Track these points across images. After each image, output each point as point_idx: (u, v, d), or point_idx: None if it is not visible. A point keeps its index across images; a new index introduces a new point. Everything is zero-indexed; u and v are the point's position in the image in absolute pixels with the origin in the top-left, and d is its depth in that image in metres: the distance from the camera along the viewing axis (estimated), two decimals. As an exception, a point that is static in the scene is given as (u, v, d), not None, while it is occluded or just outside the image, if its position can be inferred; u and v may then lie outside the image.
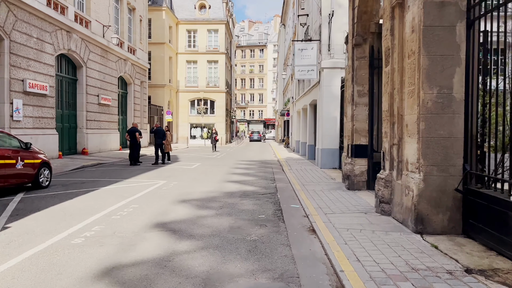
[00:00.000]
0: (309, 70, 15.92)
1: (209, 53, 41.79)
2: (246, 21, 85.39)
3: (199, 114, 41.50)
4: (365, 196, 9.02)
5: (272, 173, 14.24)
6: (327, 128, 15.37)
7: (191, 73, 42.05)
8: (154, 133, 17.27)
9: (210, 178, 12.58)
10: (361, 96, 9.88)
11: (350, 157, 10.07)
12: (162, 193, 9.48)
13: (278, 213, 7.41)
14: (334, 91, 15.30)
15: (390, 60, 6.88)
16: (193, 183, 11.22)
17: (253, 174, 13.75)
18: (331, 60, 15.30)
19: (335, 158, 15.40)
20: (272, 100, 73.34)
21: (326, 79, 15.33)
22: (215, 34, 42.26)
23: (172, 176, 12.75)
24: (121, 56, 26.37)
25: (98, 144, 22.85)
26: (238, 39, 77.47)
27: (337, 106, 15.28)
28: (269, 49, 77.03)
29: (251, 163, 18.58)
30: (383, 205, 7.02)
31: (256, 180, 12.11)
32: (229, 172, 14.43)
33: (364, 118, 9.89)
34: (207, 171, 14.51)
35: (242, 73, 78.85)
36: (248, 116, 79.39)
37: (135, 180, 11.85)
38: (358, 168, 9.88)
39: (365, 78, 9.84)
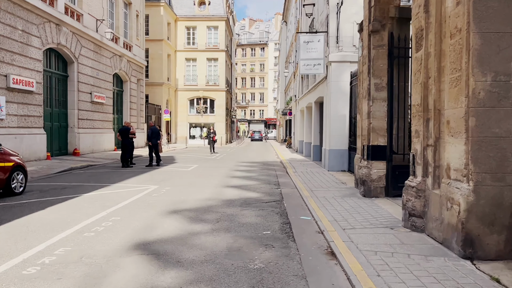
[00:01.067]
0: (315, 64, 14.70)
1: (209, 50, 40.59)
2: (246, 19, 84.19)
3: (198, 114, 40.32)
4: (386, 205, 7.80)
5: (275, 177, 13.03)
6: (335, 128, 14.15)
7: (190, 71, 40.85)
8: (148, 132, 16.07)
9: (208, 182, 11.36)
10: (379, 90, 8.66)
11: (366, 159, 8.86)
12: (151, 201, 8.26)
13: (286, 227, 6.20)
14: (343, 86, 14.09)
15: (423, 43, 5.66)
16: (188, 189, 10.01)
17: (255, 178, 12.54)
18: (339, 53, 14.08)
19: (344, 160, 14.18)
20: (273, 99, 72.14)
21: (334, 74, 14.11)
22: (215, 31, 41.06)
23: (165, 180, 11.54)
24: (116, 52, 25.17)
25: (91, 145, 21.64)
26: (239, 37, 76.25)
27: (346, 103, 14.08)
28: (270, 47, 75.79)
29: (253, 164, 17.37)
30: (414, 219, 5.80)
31: (259, 185, 10.90)
32: (229, 175, 13.22)
33: (382, 115, 8.67)
34: (205, 174, 13.30)
35: (242, 72, 77.63)
36: (248, 115, 78.16)
37: (123, 185, 10.64)
38: (376, 173, 8.66)
39: (383, 69, 8.63)
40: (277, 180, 12.17)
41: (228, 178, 12.41)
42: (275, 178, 12.68)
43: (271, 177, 12.79)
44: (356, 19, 14.13)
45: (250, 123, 77.40)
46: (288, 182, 11.62)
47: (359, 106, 10.03)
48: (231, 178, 12.43)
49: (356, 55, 14.06)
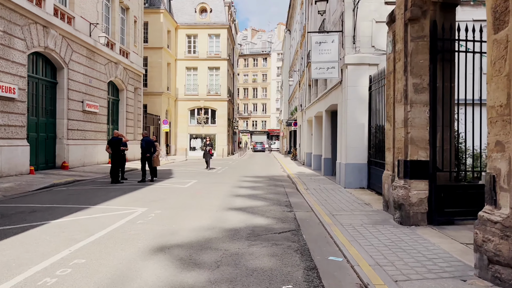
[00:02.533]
0: (329, 67, 13.06)
1: (210, 59, 39.17)
2: (249, 29, 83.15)
3: (199, 124, 38.72)
4: (434, 238, 6.06)
5: (285, 195, 11.29)
6: (352, 139, 12.45)
7: (191, 81, 39.38)
8: (141, 144, 14.38)
9: (206, 203, 9.64)
10: (419, 92, 6.97)
11: (403, 178, 7.13)
12: (134, 231, 6.53)
13: (312, 276, 4.47)
14: (361, 92, 12.44)
15: (509, 19, 4.00)
16: (183, 212, 8.28)
17: (261, 197, 10.80)
18: (357, 55, 12.46)
19: (363, 175, 12.45)
20: (276, 110, 70.64)
21: (351, 78, 12.47)
22: (217, 39, 39.70)
23: (157, 201, 9.81)
24: (112, 58, 23.67)
25: (82, 157, 19.96)
26: (241, 47, 75.15)
27: (364, 111, 12.41)
28: (273, 57, 74.56)
29: (257, 180, 15.63)
30: (498, 268, 4.06)
31: (267, 207, 9.16)
32: (231, 193, 11.49)
33: (424, 122, 6.97)
34: (204, 193, 11.57)
35: (245, 82, 76.30)
36: (251, 126, 76.54)
37: (105, 207, 8.91)
38: (416, 195, 6.93)
39: (424, 66, 6.96)
40: (288, 199, 10.44)
41: (230, 197, 10.68)
42: (285, 197, 10.94)
43: (281, 196, 11.05)
44: (375, 16, 12.57)
45: (253, 134, 75.76)
46: (301, 203, 9.89)
47: (388, 112, 8.35)
48: (234, 197, 10.70)
49: (375, 57, 12.46)
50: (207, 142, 20.65)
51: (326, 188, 12.47)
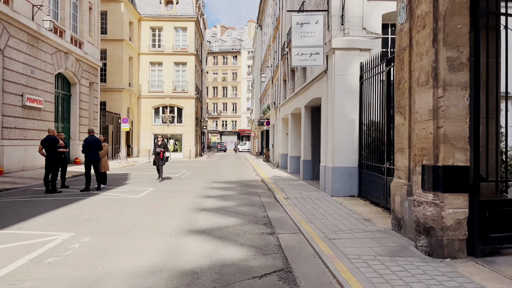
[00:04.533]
0: (312, 53, 11.01)
1: (177, 53, 36.48)
2: (218, 26, 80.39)
3: (164, 123, 35.95)
4: (492, 283, 4.05)
5: (262, 207, 9.12)
6: (341, 138, 10.43)
7: (155, 76, 36.54)
8: (82, 144, 11.77)
9: (160, 222, 7.31)
10: (456, 69, 4.96)
11: (432, 190, 5.09)
12: (31, 282, 4.15)
13: None
14: (351, 82, 10.45)
15: None
16: (122, 240, 5.93)
17: (232, 211, 8.56)
18: (345, 38, 10.46)
19: (353, 181, 10.46)
20: (247, 110, 68.44)
21: (338, 66, 10.46)
22: (184, 33, 37.06)
23: (92, 220, 7.38)
24: (61, 47, 20.72)
25: (21, 160, 17.02)
26: (210, 44, 72.47)
27: (355, 104, 10.45)
28: (243, 55, 72.28)
29: (228, 186, 13.37)
30: None
31: (241, 227, 6.94)
32: (195, 205, 9.19)
33: (462, 113, 4.96)
34: (160, 206, 9.20)
35: (214, 81, 73.60)
36: (220, 127, 73.88)
37: (15, 231, 6.41)
38: (452, 215, 4.92)
39: (463, 33, 4.96)
40: (266, 214, 8.26)
41: (193, 212, 8.38)
42: (262, 210, 8.75)
43: (257, 209, 8.85)
44: (366, -8, 10.64)
45: (222, 134, 73.19)
46: (283, 219, 7.73)
47: (400, 102, 6.32)
48: (197, 212, 8.40)
49: (367, 40, 10.51)
50: (158, 142, 14.65)
51: (310, 197, 10.39)
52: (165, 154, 14.65)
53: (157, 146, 14.67)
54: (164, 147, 14.68)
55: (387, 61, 8.43)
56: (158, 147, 14.59)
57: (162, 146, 14.62)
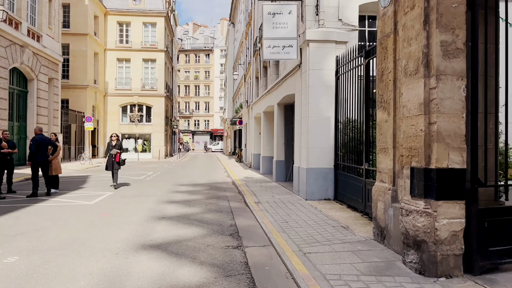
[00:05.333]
0: (285, 46, 10.22)
1: (145, 50, 35.00)
2: (190, 23, 78.64)
3: (132, 123, 34.43)
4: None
5: (230, 213, 8.24)
6: (316, 137, 9.69)
7: (122, 74, 34.93)
8: (30, 145, 10.52)
9: (108, 235, 6.30)
10: (451, 55, 4.24)
11: (423, 197, 4.35)
12: None
13: None
14: (326, 77, 9.73)
15: None
16: (55, 261, 4.91)
17: (196, 218, 7.64)
18: (320, 30, 9.73)
19: (328, 183, 9.74)
20: (220, 109, 67.25)
21: (313, 59, 9.70)
22: (153, 29, 35.63)
23: (28, 233, 6.29)
24: (16, 40, 19.12)
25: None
26: (182, 42, 70.79)
27: (330, 101, 9.73)
28: (216, 54, 71.00)
29: (195, 189, 12.40)
30: None
31: (203, 239, 6.03)
32: (154, 213, 8.21)
33: (458, 106, 4.25)
34: (114, 214, 8.15)
35: (186, 79, 71.93)
36: (193, 126, 72.26)
37: None
38: (447, 226, 4.19)
39: (459, 13, 4.24)
40: (234, 222, 7.39)
41: (150, 221, 7.40)
42: (230, 216, 7.87)
43: (224, 216, 7.96)
44: (342, -19, 9.94)
45: (195, 134, 71.66)
46: (253, 228, 6.88)
47: (382, 95, 5.59)
48: (155, 220, 7.43)
49: (344, 32, 9.82)
50: (112, 142, 12.14)
51: (283, 201, 9.59)
52: (121, 156, 12.21)
53: (111, 146, 12.09)
54: (119, 147, 12.22)
55: (366, 53, 7.73)
56: (113, 147, 12.05)
57: (117, 146, 12.14)
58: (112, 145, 12.15)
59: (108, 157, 12.17)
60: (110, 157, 12.12)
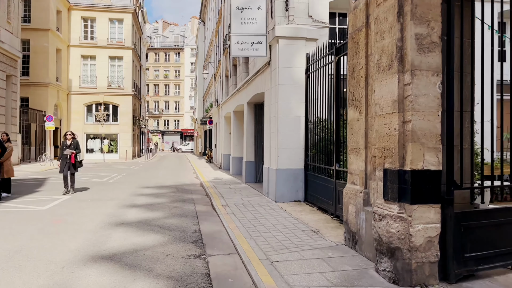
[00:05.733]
0: (254, 42, 9.84)
1: (112, 47, 33.80)
2: (160, 21, 77.03)
3: (98, 122, 33.17)
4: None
5: (195, 217, 7.78)
6: (286, 137, 9.37)
7: (87, 71, 33.60)
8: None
9: (55, 247, 5.71)
10: (426, 49, 3.97)
11: (397, 201, 4.06)
12: None
13: None
14: (296, 75, 9.43)
15: None
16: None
17: (158, 224, 7.14)
18: (290, 26, 9.42)
19: (299, 184, 9.44)
20: (190, 108, 66.18)
21: (283, 57, 9.38)
22: (120, 25, 34.46)
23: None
24: (-33, 33, 17.87)
25: None
26: (151, 40, 69.27)
27: (301, 100, 9.44)
28: (186, 52, 69.85)
29: (160, 192, 11.84)
30: None
31: (163, 248, 5.56)
32: (112, 218, 7.64)
33: (434, 104, 3.98)
34: (66, 221, 7.52)
35: (155, 78, 70.38)
36: (162, 126, 70.80)
37: None
38: (422, 232, 3.92)
39: (434, 5, 3.99)
40: (199, 227, 6.94)
41: (107, 228, 6.84)
42: (195, 221, 7.41)
43: (188, 220, 7.49)
44: (313, -24, 9.67)
45: (164, 134, 70.20)
46: (218, 233, 6.45)
47: (354, 92, 5.31)
48: (113, 227, 6.87)
49: (314, 29, 9.56)
50: (67, 141, 10.68)
51: (252, 203, 9.21)
52: (77, 158, 10.75)
53: (65, 146, 10.59)
54: (75, 147, 10.71)
55: (336, 50, 7.47)
56: (67, 147, 10.57)
57: (73, 146, 10.62)
58: (67, 144, 10.66)
59: (62, 158, 10.64)
60: (64, 159, 10.56)
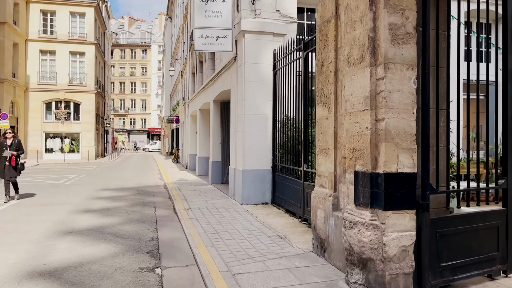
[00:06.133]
0: (219, 37, 9.36)
1: (73, 42, 32.27)
2: (126, 17, 74.73)
3: (58, 121, 31.57)
4: None
5: (154, 223, 7.21)
6: (253, 136, 8.94)
7: (47, 67, 31.90)
8: None
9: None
10: (400, 41, 3.63)
11: (370, 207, 3.71)
12: None
13: None
14: (264, 72, 9.02)
15: None
16: None
17: (112, 232, 6.53)
18: (257, 20, 8.99)
19: (266, 186, 9.03)
20: (158, 107, 64.68)
21: (249, 52, 8.94)
22: (81, 19, 32.97)
23: None
24: None
25: None
26: (117, 36, 67.17)
27: (268, 97, 9.04)
28: (154, 50, 68.17)
29: (120, 195, 11.13)
30: None
31: (113, 260, 4.99)
32: (60, 228, 6.95)
33: (408, 101, 3.65)
34: (6, 230, 6.76)
35: (121, 75, 68.25)
36: (128, 125, 68.78)
37: None
38: (396, 240, 3.58)
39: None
40: (157, 234, 6.39)
41: (52, 238, 6.17)
42: (153, 228, 6.85)
43: (146, 227, 6.92)
44: (280, -32, 9.29)
45: (131, 133, 68.23)
46: (177, 241, 5.94)
47: (323, 89, 4.94)
48: (59, 237, 6.20)
49: (282, 24, 9.18)
50: (7, 140, 9.35)
51: (216, 207, 8.72)
52: (19, 160, 9.47)
53: (5, 146, 9.24)
54: (17, 147, 9.40)
55: (304, 45, 7.12)
56: (7, 148, 9.24)
57: (14, 147, 9.30)
58: (7, 145, 9.32)
59: (0, 161, 9.25)
60: (3, 161, 9.21)
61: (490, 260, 4.04)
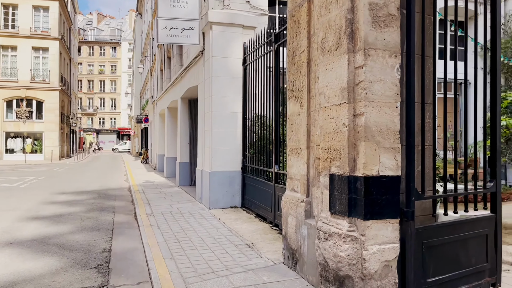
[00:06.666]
0: (185, 28, 8.72)
1: (36, 37, 30.63)
2: (94, 13, 72.30)
3: (19, 119, 29.89)
4: None
5: (110, 231, 6.50)
6: (222, 136, 8.34)
7: (7, 63, 30.17)
8: None
9: None
10: (383, 24, 3.14)
11: (347, 215, 3.20)
12: None
13: None
14: (233, 66, 8.44)
15: None
16: None
17: (58, 243, 5.79)
18: (225, 11, 8.40)
19: (235, 188, 8.46)
20: (128, 106, 62.88)
21: (217, 45, 8.34)
22: (45, 13, 31.36)
23: None
24: None
25: None
26: (85, 33, 64.89)
27: (237, 94, 8.47)
28: (124, 47, 66.21)
29: (77, 199, 10.29)
30: None
31: (51, 279, 4.29)
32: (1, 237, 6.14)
33: (391, 93, 3.17)
34: None
35: (89, 73, 65.91)
36: (97, 124, 66.50)
37: None
38: (377, 254, 3.09)
39: (392, -32, 3.17)
40: (110, 244, 5.70)
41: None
42: (108, 237, 6.15)
43: (100, 236, 6.20)
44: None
45: (99, 133, 65.99)
46: (132, 253, 5.28)
47: (294, 81, 4.42)
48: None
49: (252, 16, 8.64)
50: None
51: (182, 211, 8.08)
52: None
53: None
54: None
55: (275, 36, 6.61)
56: None
57: None
58: None
59: None
60: None
61: (479, 273, 3.62)
